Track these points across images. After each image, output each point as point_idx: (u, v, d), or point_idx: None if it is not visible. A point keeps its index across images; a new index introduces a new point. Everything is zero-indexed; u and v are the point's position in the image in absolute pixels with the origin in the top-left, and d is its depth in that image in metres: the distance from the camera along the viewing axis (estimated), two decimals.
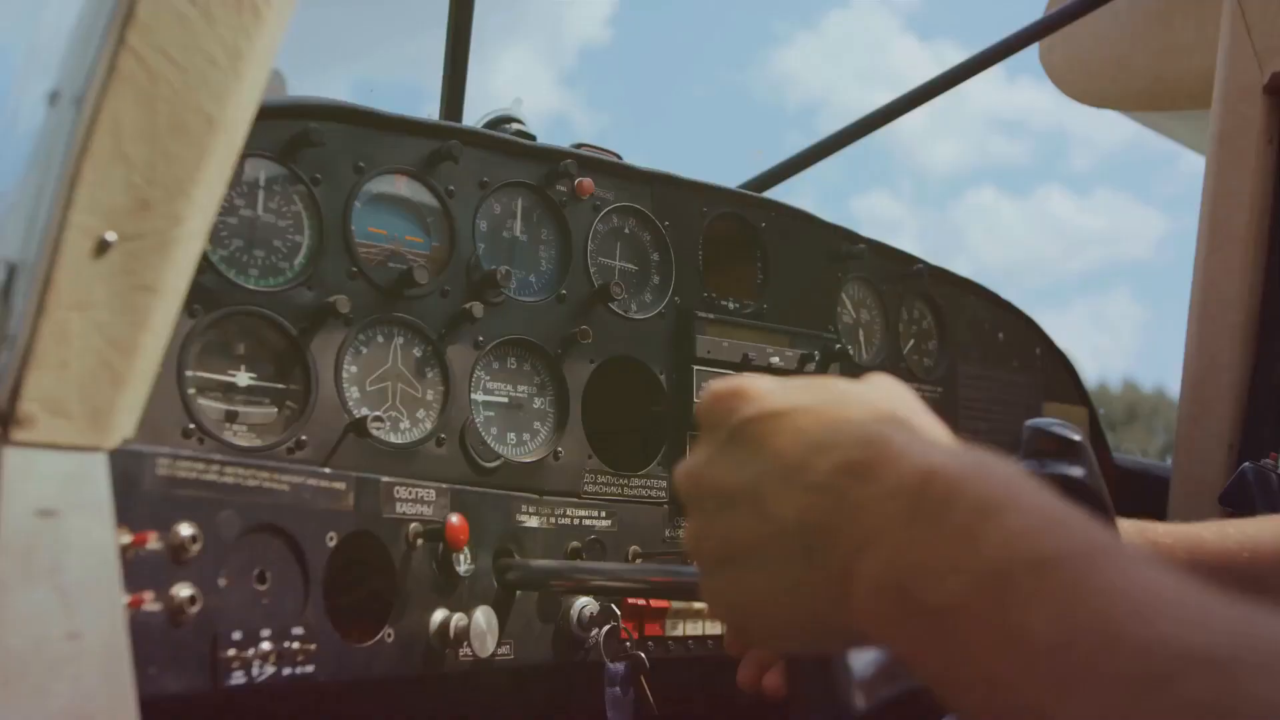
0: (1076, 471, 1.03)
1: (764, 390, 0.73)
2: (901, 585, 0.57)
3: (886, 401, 0.73)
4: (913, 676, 0.62)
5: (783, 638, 0.72)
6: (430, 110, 1.80)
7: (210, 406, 1.18)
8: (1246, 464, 1.56)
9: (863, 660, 0.83)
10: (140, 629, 0.92)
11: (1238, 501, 1.57)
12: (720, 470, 0.72)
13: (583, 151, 1.55)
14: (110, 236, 0.86)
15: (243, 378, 1.20)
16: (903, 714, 1.08)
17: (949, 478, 0.58)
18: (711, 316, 1.61)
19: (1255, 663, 0.44)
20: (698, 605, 1.26)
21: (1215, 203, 2.01)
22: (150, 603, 0.94)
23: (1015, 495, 0.56)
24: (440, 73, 1.92)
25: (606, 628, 1.33)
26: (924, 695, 0.63)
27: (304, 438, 1.21)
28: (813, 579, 0.65)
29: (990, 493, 0.57)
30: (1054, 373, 2.22)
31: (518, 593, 1.30)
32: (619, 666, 1.26)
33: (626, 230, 1.58)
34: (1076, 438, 1.04)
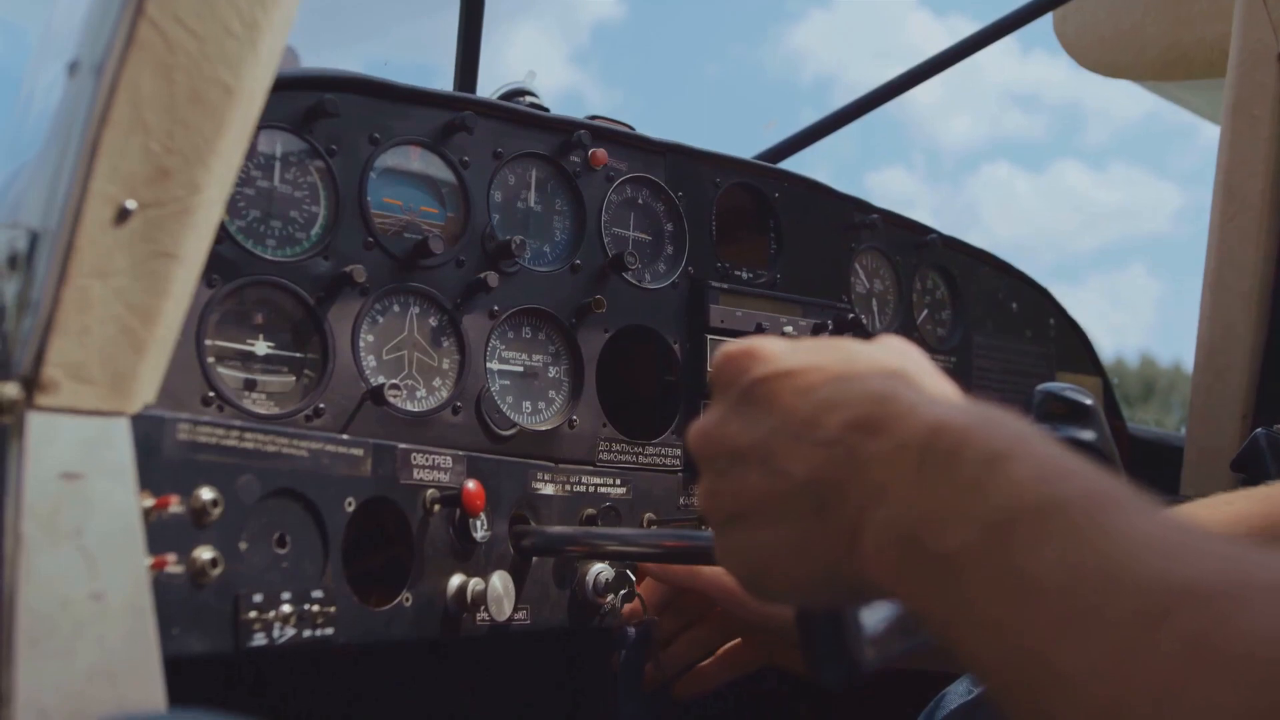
0: (1087, 435, 1.03)
1: (775, 350, 0.75)
2: (910, 536, 0.58)
3: (896, 360, 0.74)
4: (923, 632, 0.63)
5: (795, 592, 0.73)
6: (443, 87, 1.80)
7: (229, 375, 1.19)
8: (1259, 430, 1.56)
9: (874, 616, 0.84)
10: (163, 590, 0.94)
11: (1250, 468, 1.57)
12: (732, 429, 0.73)
13: (596, 123, 1.56)
14: (130, 204, 0.88)
15: (261, 346, 1.22)
16: (913, 669, 1.09)
17: (956, 431, 0.60)
18: (725, 286, 1.62)
19: (1249, 596, 0.45)
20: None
21: (1230, 171, 2.00)
22: (173, 565, 0.95)
23: (1021, 445, 0.57)
24: (453, 50, 1.93)
25: (622, 592, 1.35)
26: (934, 651, 0.64)
27: (322, 406, 1.22)
28: (824, 533, 0.66)
29: (996, 444, 0.58)
30: (1068, 343, 2.22)
31: (533, 559, 1.32)
32: (631, 630, 1.27)
33: (640, 201, 1.59)
34: (1088, 402, 1.05)
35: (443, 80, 1.82)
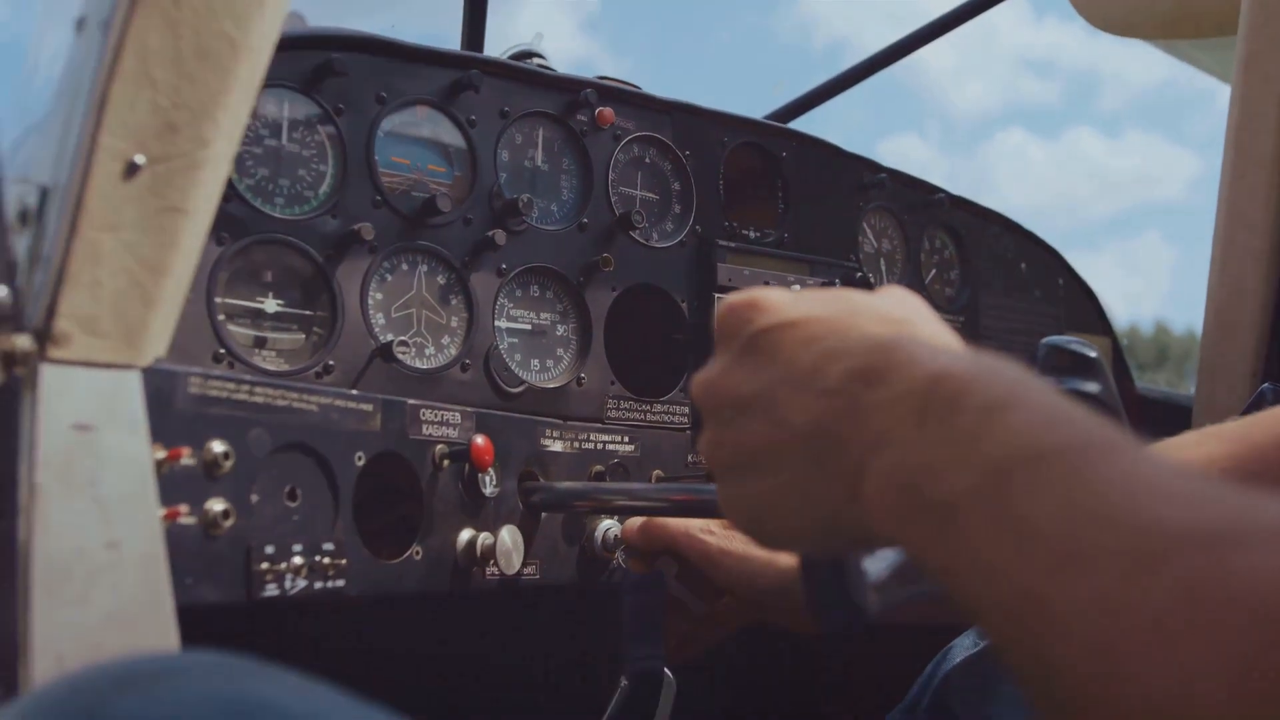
0: (1092, 387, 1.04)
1: (778, 301, 0.75)
2: (910, 484, 0.59)
3: (898, 311, 0.75)
4: (925, 580, 0.63)
5: (798, 540, 0.74)
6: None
7: (239, 332, 1.20)
8: (1266, 385, 1.56)
9: (877, 563, 0.85)
10: (176, 541, 0.95)
11: None
12: (736, 379, 0.74)
13: (602, 82, 1.56)
14: (139, 159, 0.88)
15: (270, 304, 1.23)
16: (916, 617, 1.10)
17: (957, 379, 0.60)
18: (732, 245, 1.63)
19: (1247, 540, 0.45)
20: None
21: (1240, 127, 1.99)
22: (185, 516, 0.97)
23: (1020, 393, 0.58)
24: (459, 12, 1.93)
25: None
26: (937, 599, 0.64)
27: (331, 363, 1.23)
28: (825, 482, 0.67)
29: (996, 392, 0.58)
30: (1077, 303, 2.22)
31: (542, 515, 1.33)
32: (639, 576, 1.28)
33: (647, 160, 1.59)
34: (1092, 354, 1.05)
35: (451, 45, 1.81)
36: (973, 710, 1.26)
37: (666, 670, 1.23)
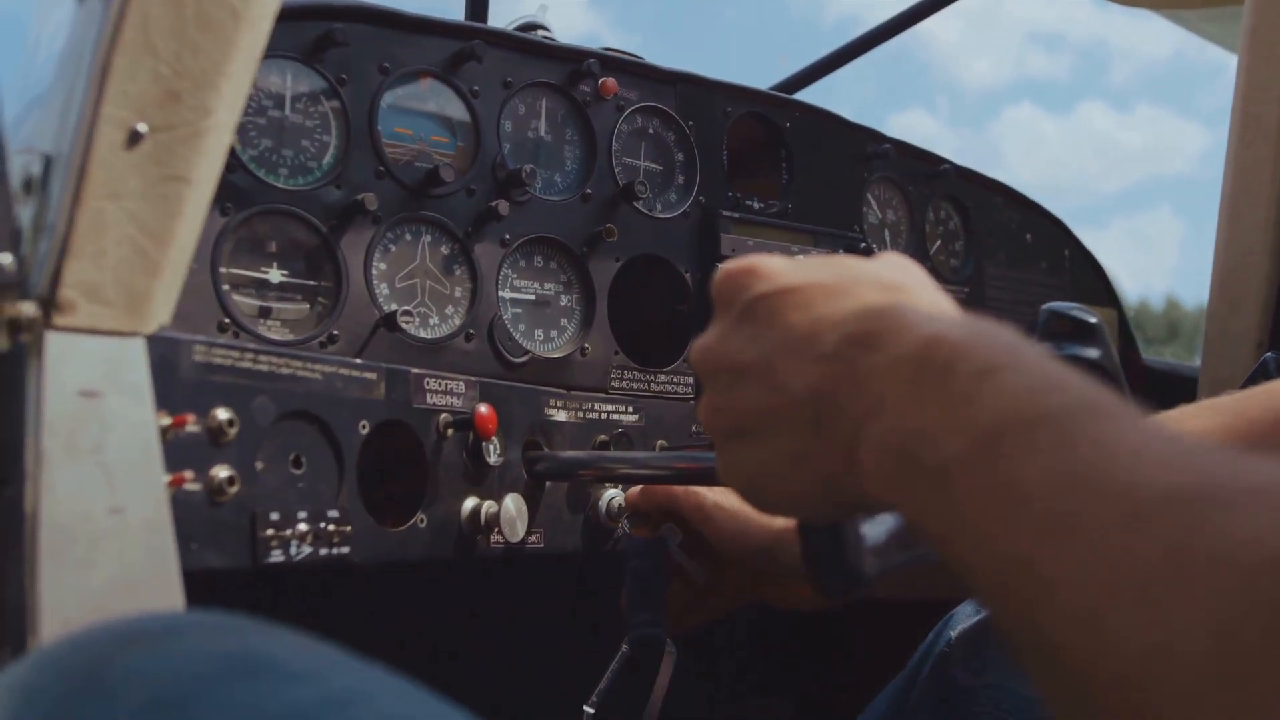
0: (1092, 353, 1.04)
1: (776, 267, 0.75)
2: (904, 448, 0.59)
3: (895, 277, 0.75)
4: (923, 545, 0.64)
5: (795, 505, 0.75)
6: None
7: (244, 303, 1.21)
8: (1268, 354, 1.56)
9: (875, 529, 0.86)
10: (182, 507, 0.96)
11: None
12: (733, 345, 0.74)
13: (605, 53, 1.56)
14: (141, 128, 0.89)
15: (275, 274, 1.24)
16: (915, 586, 1.11)
17: (951, 344, 0.60)
18: (736, 216, 1.63)
19: (1231, 500, 0.45)
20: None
21: (1247, 97, 1.98)
22: (191, 482, 0.98)
23: (1013, 358, 0.58)
24: None
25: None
26: (935, 564, 0.65)
27: (336, 332, 1.24)
28: (822, 447, 0.67)
29: (990, 356, 0.58)
30: (1083, 275, 2.21)
31: (547, 484, 1.34)
32: (642, 541, 1.28)
33: (650, 130, 1.59)
34: (1093, 320, 1.05)
35: (454, 17, 1.81)
36: (973, 678, 1.26)
37: (667, 638, 1.23)
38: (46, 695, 0.60)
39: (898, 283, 0.73)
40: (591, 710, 1.25)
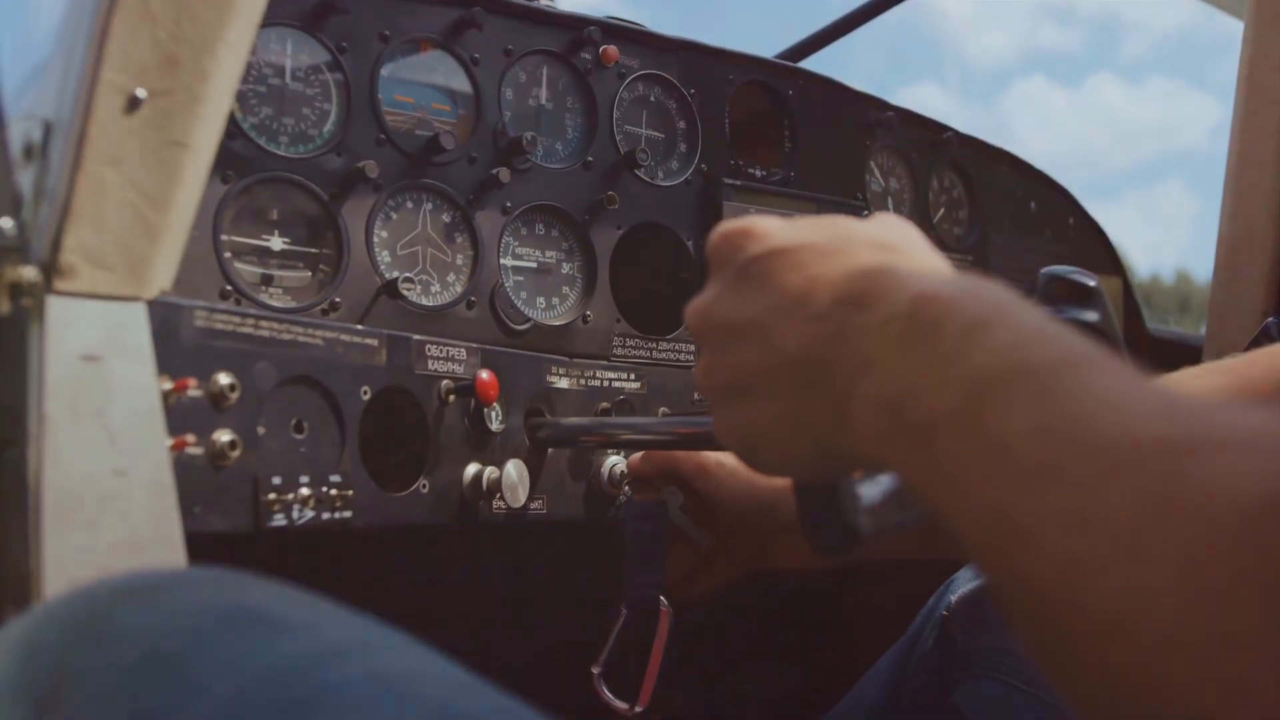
0: (1091, 316, 1.04)
1: (771, 228, 0.76)
2: (893, 406, 0.60)
3: (889, 237, 0.75)
4: (920, 505, 0.64)
5: (790, 465, 0.75)
6: None
7: (246, 270, 1.22)
8: (1270, 319, 1.56)
9: (872, 489, 0.86)
10: (184, 471, 0.97)
11: None
12: (728, 306, 0.75)
13: (607, 20, 1.55)
14: (140, 93, 0.90)
15: (276, 242, 1.24)
16: (910, 541, 1.11)
17: (940, 301, 0.61)
18: (738, 183, 1.63)
19: (1208, 448, 0.45)
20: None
21: (1253, 64, 1.97)
22: (193, 446, 0.98)
23: (1000, 314, 0.58)
24: None
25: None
26: (930, 524, 0.65)
27: (338, 300, 1.25)
28: (815, 406, 0.68)
29: (977, 313, 0.59)
30: (1087, 243, 2.21)
31: (549, 450, 1.34)
32: (643, 504, 1.29)
33: (652, 98, 1.59)
34: (1091, 283, 1.05)
35: None
36: (974, 641, 1.27)
37: (663, 599, 1.24)
38: (48, 648, 0.61)
39: (891, 243, 0.74)
40: (598, 670, 1.27)
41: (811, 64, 1.90)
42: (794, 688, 1.97)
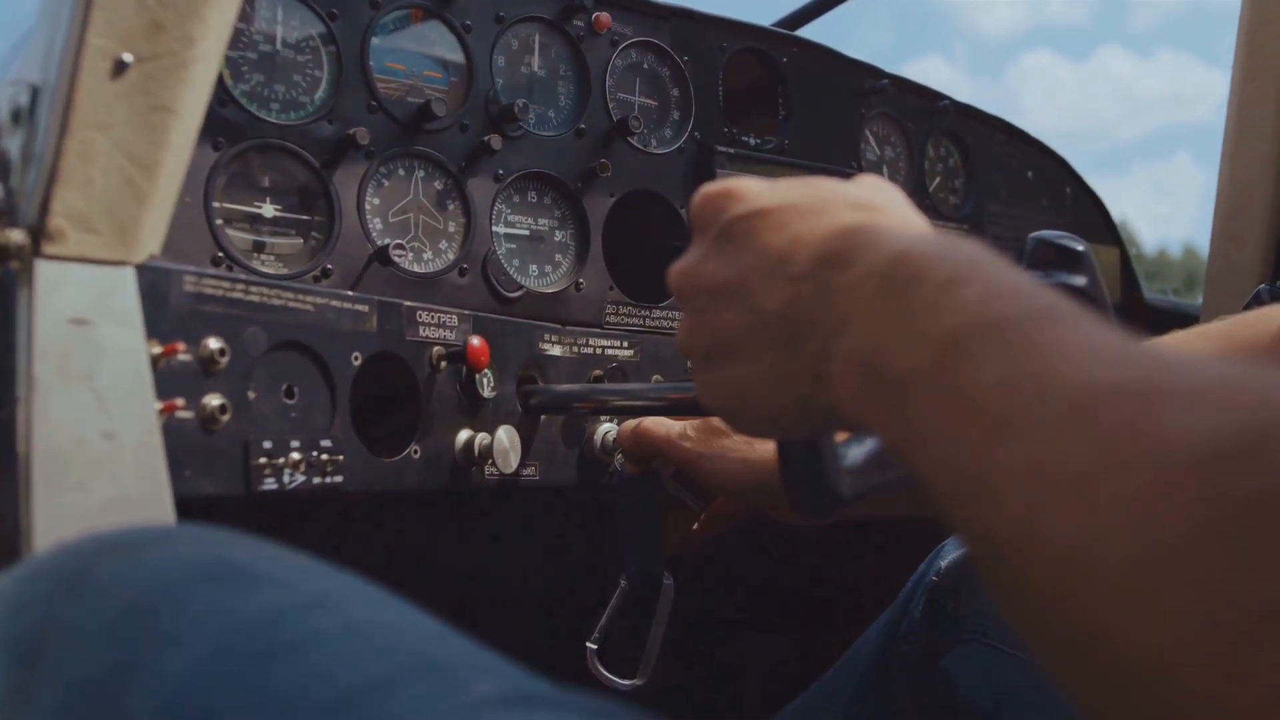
0: (1079, 280, 1.04)
1: (753, 190, 0.76)
2: (869, 363, 0.60)
3: (870, 197, 0.75)
4: (902, 467, 0.65)
5: (773, 424, 0.76)
6: None
7: (238, 237, 1.22)
8: (1261, 286, 1.56)
9: (855, 450, 0.87)
10: (174, 435, 0.98)
11: None
12: (711, 267, 0.75)
13: None
14: (127, 58, 0.90)
15: (268, 209, 1.24)
16: (894, 503, 1.12)
17: (916, 259, 0.61)
18: (732, 151, 1.63)
19: (1167, 393, 0.45)
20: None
21: (1252, 29, 1.96)
22: (183, 410, 0.99)
23: (974, 270, 0.58)
24: None
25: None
26: (913, 485, 0.66)
27: (330, 266, 1.25)
28: (796, 366, 0.68)
29: (952, 269, 0.59)
30: (1085, 213, 2.21)
31: (542, 417, 1.35)
32: (634, 475, 1.29)
33: (645, 66, 1.59)
34: (1079, 248, 1.05)
35: None
36: (962, 606, 1.28)
37: (665, 572, 1.25)
38: (30, 603, 0.62)
39: (871, 203, 0.74)
40: (594, 646, 1.27)
41: (815, 37, 1.89)
42: (790, 657, 1.99)
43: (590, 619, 1.29)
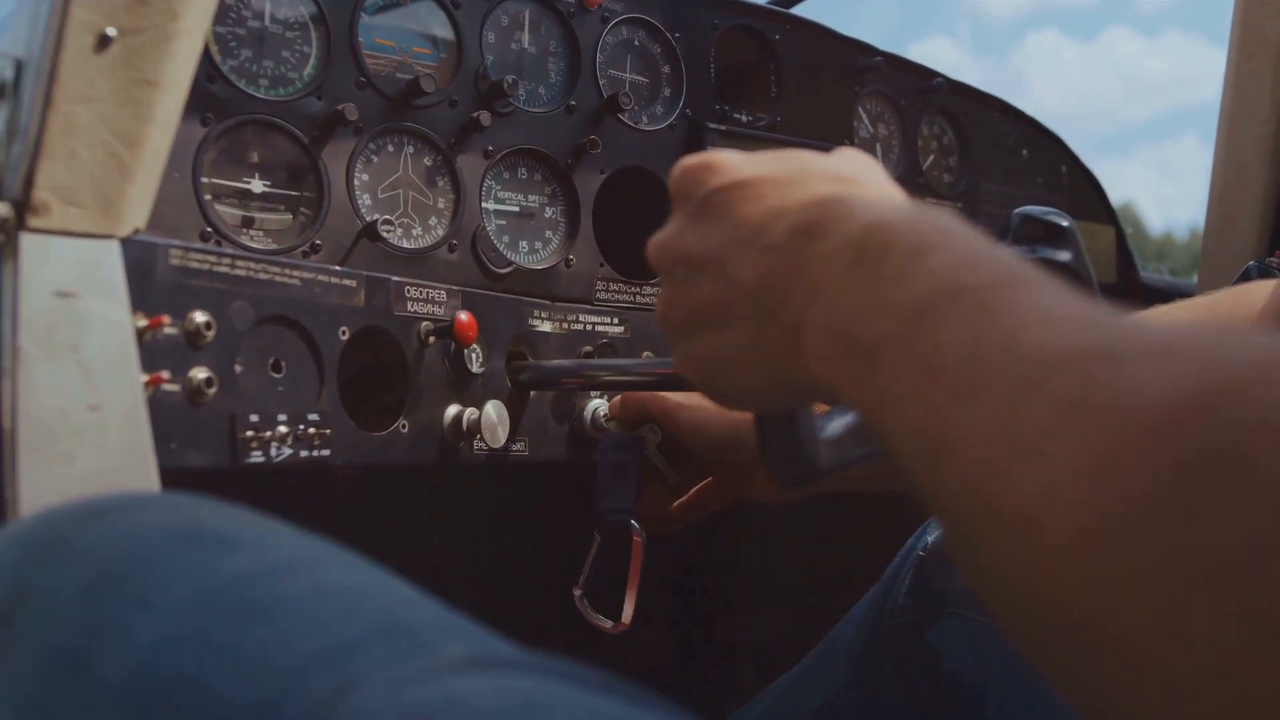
0: (1064, 256, 1.05)
1: (731, 162, 0.77)
2: (841, 332, 0.60)
3: (848, 169, 0.76)
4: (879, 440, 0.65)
5: (750, 396, 0.76)
6: None
7: (227, 213, 1.23)
8: (1251, 263, 1.56)
9: (833, 422, 0.87)
10: (160, 407, 0.98)
11: None
12: (689, 239, 0.76)
13: None
14: (110, 31, 0.90)
15: (257, 185, 1.25)
16: (872, 474, 1.12)
17: (888, 228, 0.61)
18: (723, 128, 1.63)
19: (1123, 356, 0.46)
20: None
21: (1248, 9, 1.96)
22: (169, 383, 0.99)
23: (944, 238, 0.59)
24: None
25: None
26: (889, 459, 0.66)
27: (318, 242, 1.26)
28: (771, 337, 0.69)
29: (924, 238, 0.59)
30: (1080, 191, 2.20)
31: (531, 393, 1.35)
32: (619, 435, 1.30)
33: (636, 42, 1.59)
34: (1064, 223, 1.06)
35: None
36: (949, 580, 1.29)
37: (635, 523, 1.25)
38: (8, 569, 0.62)
39: (848, 175, 0.74)
40: (579, 591, 1.29)
41: (817, 16, 1.89)
42: (784, 634, 2.00)
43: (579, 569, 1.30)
